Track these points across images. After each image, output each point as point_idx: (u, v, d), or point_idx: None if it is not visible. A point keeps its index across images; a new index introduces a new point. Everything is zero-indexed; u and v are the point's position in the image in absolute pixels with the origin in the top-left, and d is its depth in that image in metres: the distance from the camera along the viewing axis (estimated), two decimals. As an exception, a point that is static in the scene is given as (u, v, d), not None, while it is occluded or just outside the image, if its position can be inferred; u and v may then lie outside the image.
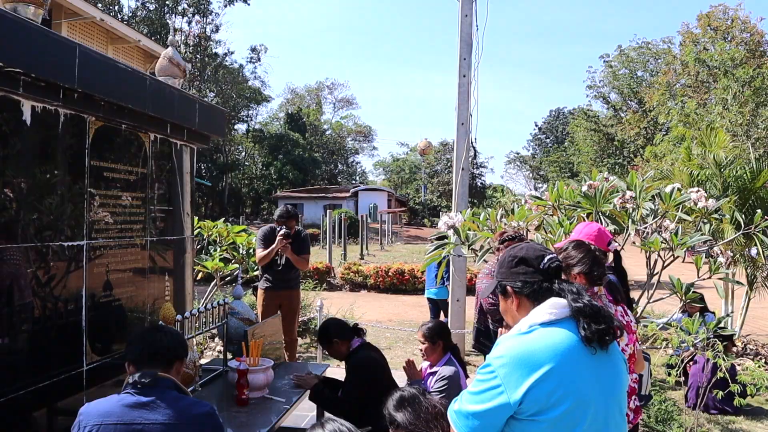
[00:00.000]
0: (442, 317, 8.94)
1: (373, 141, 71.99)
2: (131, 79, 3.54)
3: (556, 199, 5.89)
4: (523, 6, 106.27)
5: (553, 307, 1.86)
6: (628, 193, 5.33)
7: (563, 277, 1.99)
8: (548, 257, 1.96)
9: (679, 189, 5.36)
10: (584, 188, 5.66)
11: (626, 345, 3.09)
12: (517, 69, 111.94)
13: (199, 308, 3.90)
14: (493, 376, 1.79)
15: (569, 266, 2.99)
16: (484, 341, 5.05)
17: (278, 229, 6.37)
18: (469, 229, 5.92)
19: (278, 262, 6.49)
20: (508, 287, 2.01)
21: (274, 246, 6.34)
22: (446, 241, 6.20)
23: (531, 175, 72.41)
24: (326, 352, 4.46)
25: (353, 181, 65.19)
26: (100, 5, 36.48)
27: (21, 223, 2.95)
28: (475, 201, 47.32)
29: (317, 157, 57.52)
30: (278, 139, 53.45)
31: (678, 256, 5.32)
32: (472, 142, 8.78)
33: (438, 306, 9.33)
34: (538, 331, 1.83)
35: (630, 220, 5.43)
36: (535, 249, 1.99)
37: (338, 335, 4.26)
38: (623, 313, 3.18)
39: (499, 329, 3.42)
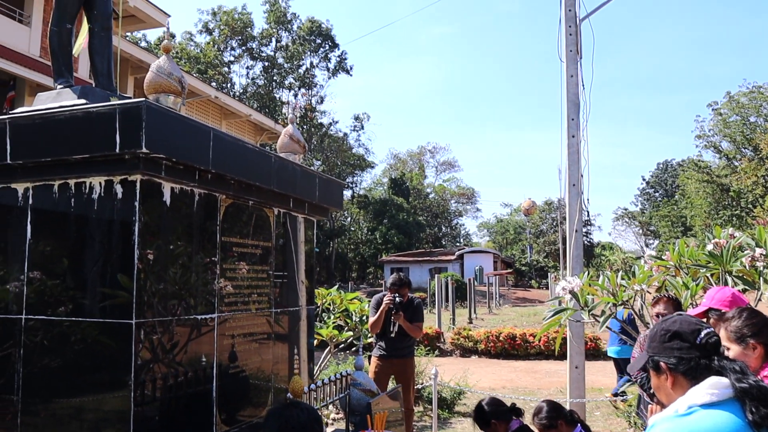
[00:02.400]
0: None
1: (476, 203, 71.84)
2: (258, 158, 3.72)
3: (678, 259, 5.64)
4: (623, 57, 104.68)
5: (714, 387, 1.74)
6: (758, 251, 5.04)
7: (731, 351, 1.87)
8: (705, 331, 1.85)
9: (814, 242, 5.03)
10: (709, 246, 5.41)
11: None
12: (620, 122, 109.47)
13: (323, 380, 3.94)
14: (652, 461, 1.69)
15: (744, 336, 2.80)
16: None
17: (391, 296, 6.41)
18: (589, 294, 5.74)
19: (391, 330, 6.49)
20: (662, 363, 1.90)
21: (381, 308, 6.38)
22: (564, 306, 6.03)
23: (641, 231, 69.73)
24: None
25: (457, 244, 64.97)
26: (214, 84, 38.90)
27: (160, 298, 3.11)
28: (584, 260, 45.96)
29: (421, 221, 57.85)
30: (383, 204, 54.27)
31: (822, 318, 4.94)
32: (584, 203, 8.58)
33: (620, 365, 9.07)
34: (698, 414, 1.72)
35: (762, 279, 5.12)
36: (689, 322, 1.89)
37: (496, 416, 4.16)
38: None
39: (650, 406, 3.24)
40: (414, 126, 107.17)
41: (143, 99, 2.86)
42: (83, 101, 3.85)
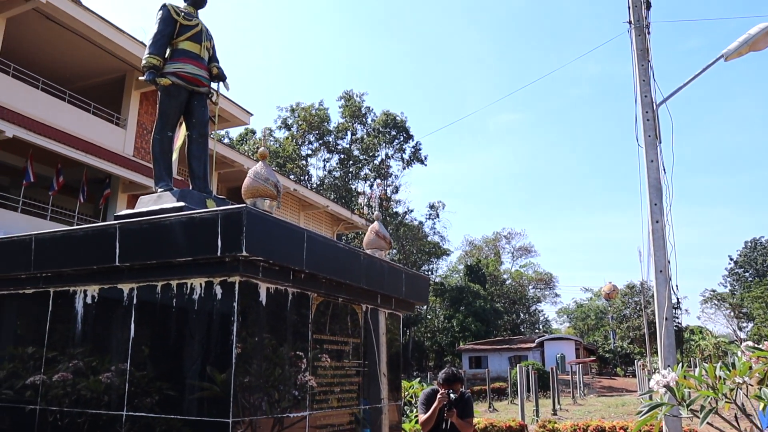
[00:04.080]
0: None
1: (554, 288, 70.17)
2: (348, 257, 3.83)
3: (780, 349, 5.36)
4: (701, 135, 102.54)
5: None
6: None
7: None
8: None
9: None
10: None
11: None
12: (700, 200, 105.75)
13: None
14: None
15: None
16: None
17: (444, 392, 6.27)
18: (685, 387, 5.49)
19: (444, 427, 6.32)
20: None
21: (435, 405, 6.23)
22: (659, 401, 5.78)
23: (732, 313, 66.22)
24: None
25: (536, 331, 63.36)
26: (292, 177, 40.25)
27: (254, 396, 3.17)
28: (673, 348, 43.81)
29: (499, 308, 56.87)
30: (459, 292, 53.77)
31: None
32: (673, 290, 8.32)
33: None
34: None
35: None
36: None
37: None
38: None
39: None
40: (488, 212, 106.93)
41: (243, 205, 3.03)
42: (182, 204, 4.09)
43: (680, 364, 6.14)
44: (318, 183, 46.35)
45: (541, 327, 68.02)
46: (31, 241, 3.81)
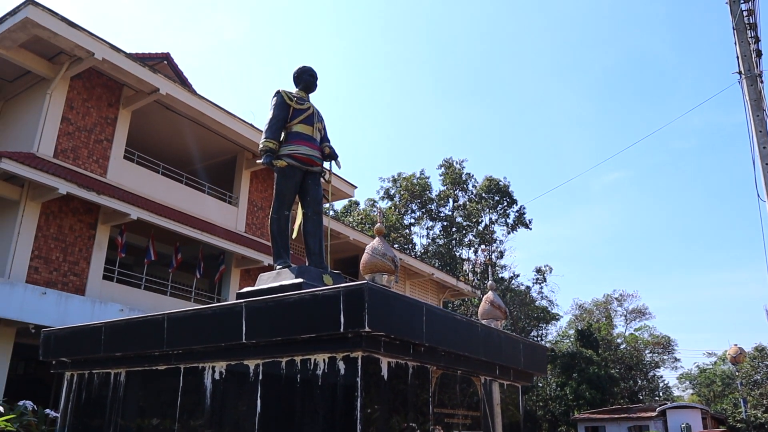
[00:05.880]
0: None
1: (674, 352, 66.33)
2: (466, 329, 3.83)
3: None
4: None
5: None
6: None
7: None
8: None
9: None
10: None
11: None
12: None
13: None
14: None
15: None
16: None
17: None
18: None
19: None
20: None
21: None
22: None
23: None
24: None
25: (656, 398, 59.77)
26: (396, 246, 40.61)
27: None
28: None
29: (614, 374, 54.24)
30: (570, 358, 51.80)
31: None
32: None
33: None
34: None
35: None
36: None
37: None
38: None
39: None
40: (597, 274, 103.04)
41: (364, 281, 3.11)
42: (301, 280, 4.24)
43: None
44: (422, 251, 46.50)
45: (661, 394, 64.15)
46: (164, 320, 4.04)
